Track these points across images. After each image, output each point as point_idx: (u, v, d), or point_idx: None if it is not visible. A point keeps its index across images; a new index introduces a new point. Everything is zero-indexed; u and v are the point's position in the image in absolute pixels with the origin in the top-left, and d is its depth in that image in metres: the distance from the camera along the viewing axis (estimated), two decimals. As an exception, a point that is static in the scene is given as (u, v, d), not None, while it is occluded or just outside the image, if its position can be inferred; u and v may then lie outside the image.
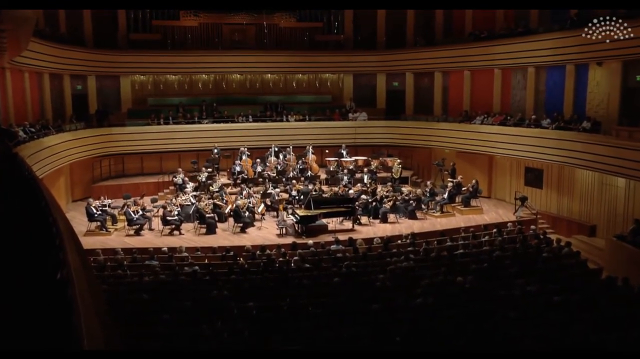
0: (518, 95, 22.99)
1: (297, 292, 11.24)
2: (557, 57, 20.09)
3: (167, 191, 22.70)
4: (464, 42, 24.58)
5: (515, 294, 10.77)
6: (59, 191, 20.25)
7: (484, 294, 10.95)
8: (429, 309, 10.00)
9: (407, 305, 10.33)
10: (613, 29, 16.13)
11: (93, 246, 15.66)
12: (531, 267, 12.93)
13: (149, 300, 10.70)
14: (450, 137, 23.97)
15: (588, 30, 16.67)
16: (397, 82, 28.06)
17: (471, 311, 9.80)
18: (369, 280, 12.09)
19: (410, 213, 19.63)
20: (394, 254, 14.42)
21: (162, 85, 27.26)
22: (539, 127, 20.50)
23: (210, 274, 12.79)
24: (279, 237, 17.52)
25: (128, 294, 11.22)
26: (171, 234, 17.87)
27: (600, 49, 17.65)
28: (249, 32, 27.64)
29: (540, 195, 21.26)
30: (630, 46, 16.60)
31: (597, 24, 16.38)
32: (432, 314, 9.76)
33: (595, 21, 16.41)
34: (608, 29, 16.22)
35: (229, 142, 24.80)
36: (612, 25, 16.13)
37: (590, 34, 16.62)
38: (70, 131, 21.73)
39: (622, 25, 16.02)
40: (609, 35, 16.32)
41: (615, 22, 16.10)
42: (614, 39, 16.33)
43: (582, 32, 17.04)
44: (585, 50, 18.45)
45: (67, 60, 22.33)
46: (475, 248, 15.13)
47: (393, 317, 9.65)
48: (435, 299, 10.40)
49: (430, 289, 11.17)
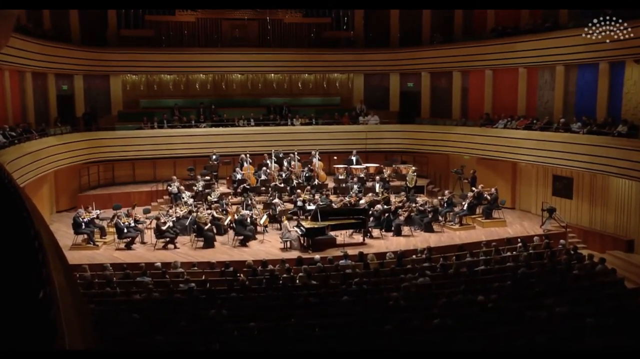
0: (545, 96, 22.92)
1: (302, 311, 11.21)
2: (590, 54, 19.96)
3: (161, 201, 22.73)
4: (485, 38, 24.57)
5: (542, 316, 10.68)
6: (42, 200, 20.29)
7: (508, 316, 10.87)
8: (447, 331, 9.94)
9: (423, 326, 10.27)
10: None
11: (79, 261, 15.65)
12: (560, 286, 12.83)
13: (140, 320, 10.67)
14: (470, 142, 23.92)
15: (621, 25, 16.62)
16: (412, 82, 28.05)
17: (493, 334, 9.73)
18: (381, 299, 12.05)
19: (426, 225, 19.56)
20: (409, 270, 14.37)
21: (156, 85, 27.36)
22: (569, 132, 20.41)
23: (208, 292, 12.76)
24: (283, 252, 17.47)
25: (118, 314, 11.20)
26: (165, 248, 17.85)
27: (638, 44, 17.56)
28: (251, 28, 27.74)
29: (570, 206, 21.14)
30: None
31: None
32: (450, 337, 9.70)
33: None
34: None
35: (228, 147, 24.84)
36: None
37: (623, 30, 16.56)
38: (55, 135, 21.83)
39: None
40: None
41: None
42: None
43: (617, 27, 16.97)
44: (621, 47, 18.27)
45: (51, 58, 22.40)
46: (498, 264, 15.05)
47: (408, 339, 9.60)
48: (454, 321, 10.33)
49: (449, 309, 11.11)
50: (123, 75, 26.66)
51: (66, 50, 23.59)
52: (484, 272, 14.22)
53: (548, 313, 10.81)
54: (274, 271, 14.36)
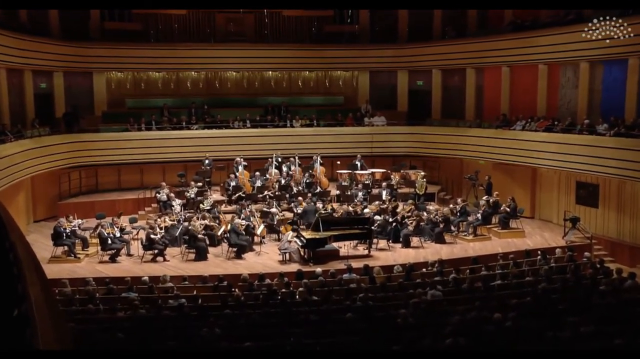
0: (568, 95, 22.93)
1: (302, 330, 11.17)
2: (617, 49, 19.92)
3: (148, 210, 22.75)
4: (502, 32, 24.62)
5: (565, 335, 10.64)
6: (17, 209, 20.32)
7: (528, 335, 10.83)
8: (460, 352, 9.90)
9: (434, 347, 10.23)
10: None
11: (59, 275, 15.63)
12: (585, 304, 12.79)
13: (125, 340, 10.64)
14: (485, 146, 23.94)
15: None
16: (422, 80, 28.09)
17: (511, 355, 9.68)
18: (389, 316, 12.01)
19: (438, 236, 19.55)
20: (418, 284, 14.32)
21: (144, 84, 27.42)
22: (594, 134, 20.41)
23: (200, 309, 12.75)
24: (282, 264, 17.50)
25: (101, 333, 11.16)
26: (153, 260, 17.86)
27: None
28: (247, 21, 27.81)
29: (596, 215, 21.11)
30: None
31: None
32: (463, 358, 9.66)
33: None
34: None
35: (222, 151, 24.86)
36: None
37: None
38: (33, 137, 21.80)
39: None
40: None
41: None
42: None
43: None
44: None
45: (28, 53, 22.34)
46: (516, 279, 15.04)
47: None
48: (468, 340, 10.30)
49: (462, 327, 11.07)
50: (107, 73, 26.69)
51: (44, 44, 23.56)
52: (501, 287, 14.19)
53: (571, 332, 10.76)
54: (272, 286, 14.33)
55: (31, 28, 23.40)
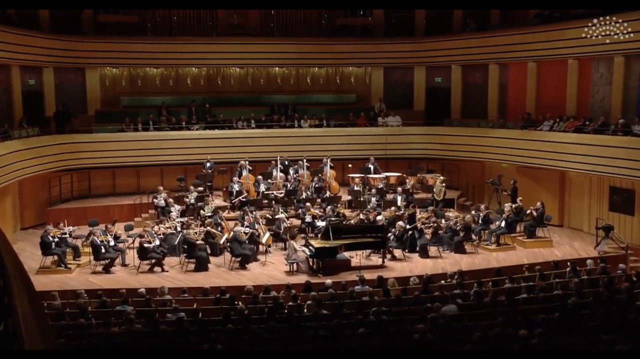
0: (600, 93, 22.87)
1: (311, 346, 11.17)
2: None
3: (145, 216, 22.80)
4: (527, 25, 24.61)
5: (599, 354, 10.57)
6: (4, 215, 20.42)
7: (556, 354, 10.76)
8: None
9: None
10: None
11: (48, 286, 15.68)
12: (620, 320, 12.70)
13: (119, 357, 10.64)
14: (509, 147, 23.92)
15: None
16: (441, 77, 28.10)
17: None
18: (404, 331, 11.98)
19: (457, 245, 19.51)
20: (437, 298, 14.30)
21: (140, 80, 27.54)
22: (629, 135, 20.37)
23: (200, 323, 12.76)
24: (289, 276, 17.47)
25: (93, 349, 11.17)
26: (150, 271, 17.88)
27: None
28: (252, 14, 27.86)
29: (632, 223, 20.99)
30: None
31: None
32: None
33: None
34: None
35: (225, 153, 24.94)
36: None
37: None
38: (20, 138, 21.93)
39: None
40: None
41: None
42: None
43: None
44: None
45: (16, 48, 22.47)
46: (543, 292, 14.94)
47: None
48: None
49: (484, 344, 11.02)
50: (101, 69, 26.83)
51: (33, 38, 23.64)
52: (527, 301, 14.11)
53: (605, 350, 10.69)
54: (278, 298, 14.31)
55: (19, 20, 23.46)
